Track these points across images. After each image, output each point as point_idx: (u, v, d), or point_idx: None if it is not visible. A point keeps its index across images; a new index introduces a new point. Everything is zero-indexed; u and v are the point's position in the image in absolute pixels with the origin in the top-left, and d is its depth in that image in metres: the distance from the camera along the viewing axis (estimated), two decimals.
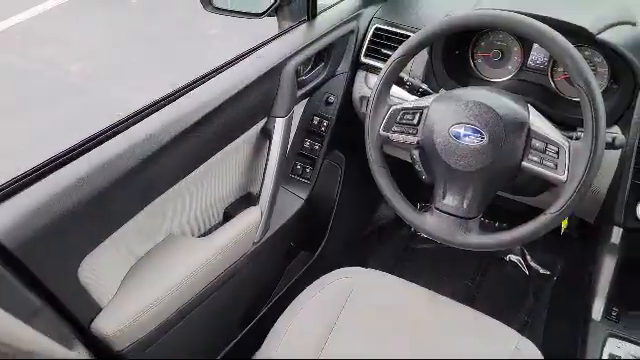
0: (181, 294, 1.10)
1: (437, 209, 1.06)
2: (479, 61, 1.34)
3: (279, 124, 1.28)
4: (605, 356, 1.17)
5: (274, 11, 1.35)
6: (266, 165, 1.30)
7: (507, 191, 1.17)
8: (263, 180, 1.31)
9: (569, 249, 1.79)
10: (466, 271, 1.85)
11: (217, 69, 1.17)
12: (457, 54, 1.33)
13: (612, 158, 1.16)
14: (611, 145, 1.00)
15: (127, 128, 0.97)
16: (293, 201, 1.49)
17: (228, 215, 1.33)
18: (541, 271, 1.83)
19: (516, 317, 1.69)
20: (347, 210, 1.73)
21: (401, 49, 1.07)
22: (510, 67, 1.31)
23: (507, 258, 1.89)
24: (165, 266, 1.10)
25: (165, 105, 1.04)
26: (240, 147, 1.28)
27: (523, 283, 1.81)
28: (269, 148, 1.30)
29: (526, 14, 0.98)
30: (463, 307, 1.15)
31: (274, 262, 1.53)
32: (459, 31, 1.04)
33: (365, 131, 1.12)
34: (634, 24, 1.16)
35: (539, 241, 1.83)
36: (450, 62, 1.31)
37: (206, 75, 1.15)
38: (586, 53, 1.19)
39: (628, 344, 1.16)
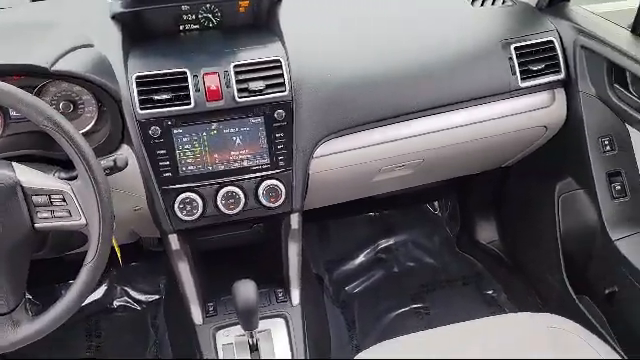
0: None
1: None
2: None
3: None
4: (220, 349, 1.21)
5: None
6: None
7: (49, 255, 1.04)
8: None
9: (165, 266, 1.80)
10: (78, 342, 1.65)
11: None
12: None
13: (135, 174, 1.15)
14: (115, 168, 0.98)
15: None
16: None
17: None
18: (150, 299, 1.79)
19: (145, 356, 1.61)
20: None
21: None
22: None
23: (114, 305, 1.78)
24: None
25: None
26: None
27: (138, 319, 1.74)
28: None
29: None
30: None
31: None
32: None
33: None
34: (92, 45, 1.15)
35: (131, 272, 1.79)
36: None
37: None
38: (63, 85, 1.13)
39: (231, 328, 1.23)
